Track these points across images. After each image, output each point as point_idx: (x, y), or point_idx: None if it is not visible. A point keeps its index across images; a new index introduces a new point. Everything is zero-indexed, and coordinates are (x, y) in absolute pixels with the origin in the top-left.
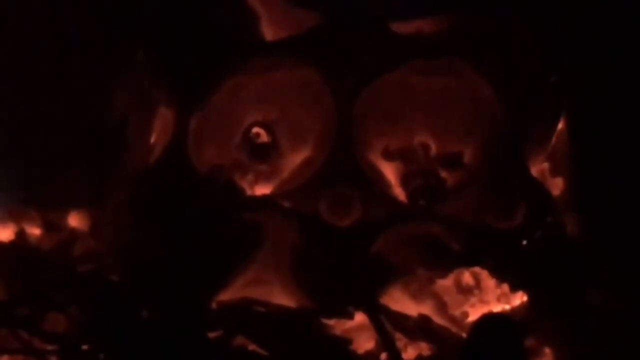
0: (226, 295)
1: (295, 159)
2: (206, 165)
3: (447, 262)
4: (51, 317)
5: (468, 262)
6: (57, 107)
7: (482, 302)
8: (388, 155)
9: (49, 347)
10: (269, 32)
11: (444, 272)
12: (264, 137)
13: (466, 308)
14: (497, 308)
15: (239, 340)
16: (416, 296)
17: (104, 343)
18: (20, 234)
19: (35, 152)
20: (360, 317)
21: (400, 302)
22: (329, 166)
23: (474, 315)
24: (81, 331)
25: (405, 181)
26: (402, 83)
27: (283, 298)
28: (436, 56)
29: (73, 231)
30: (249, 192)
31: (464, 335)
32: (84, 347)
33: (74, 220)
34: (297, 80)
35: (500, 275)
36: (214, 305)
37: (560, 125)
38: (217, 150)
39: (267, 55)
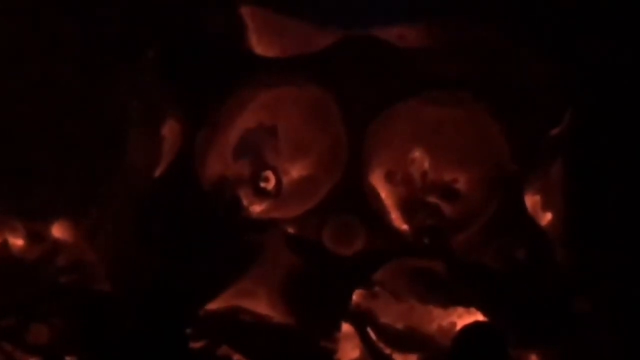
0: (212, 305)
1: (294, 172)
2: (209, 179)
3: (445, 299)
4: (34, 329)
5: (465, 302)
6: (42, 112)
7: (469, 312)
8: (389, 179)
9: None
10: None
11: (441, 307)
12: (272, 183)
13: (454, 318)
14: (483, 318)
15: (224, 349)
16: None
17: (88, 354)
18: (4, 245)
19: (18, 161)
20: (345, 327)
21: (387, 311)
22: (336, 193)
23: (461, 325)
24: (65, 343)
25: (408, 215)
26: (412, 111)
27: (268, 310)
28: (449, 89)
29: (57, 242)
30: (248, 204)
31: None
32: (68, 358)
33: (58, 231)
34: (305, 98)
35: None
36: (200, 313)
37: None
38: (220, 164)
39: (277, 71)
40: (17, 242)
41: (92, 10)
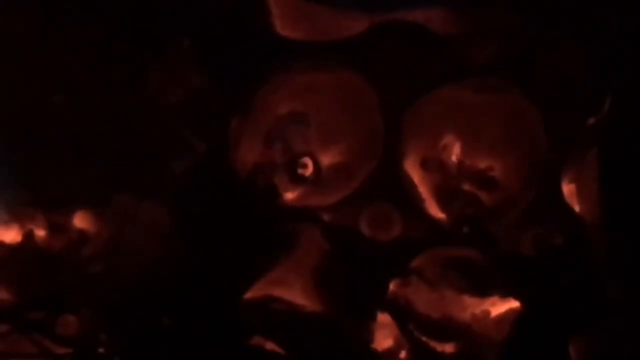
0: (246, 294)
1: (330, 159)
2: (245, 166)
3: (480, 288)
4: (65, 320)
5: (501, 290)
6: (66, 100)
7: (502, 300)
8: (425, 167)
9: (62, 351)
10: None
11: (476, 296)
12: (310, 169)
13: (487, 306)
14: (515, 304)
15: (256, 339)
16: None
17: (120, 346)
18: (29, 236)
19: (38, 149)
20: (380, 316)
21: (423, 300)
22: (373, 180)
23: (495, 313)
24: (96, 334)
25: (444, 203)
26: (449, 98)
27: (303, 299)
28: (487, 75)
29: (82, 232)
30: (284, 191)
31: (487, 332)
32: (100, 350)
33: (80, 221)
34: (340, 84)
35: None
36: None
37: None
38: (256, 151)
39: (311, 56)
40: (40, 233)
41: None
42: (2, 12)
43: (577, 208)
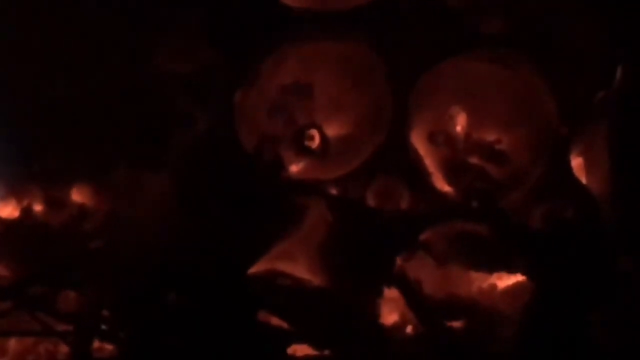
0: (250, 269)
1: (336, 131)
2: (251, 138)
3: (488, 263)
4: (66, 297)
5: (509, 265)
6: (59, 70)
7: (509, 274)
8: (432, 140)
9: (63, 328)
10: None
11: (485, 272)
12: (316, 141)
13: (493, 280)
14: (522, 278)
15: (262, 314)
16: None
17: (124, 323)
18: (27, 211)
19: (36, 122)
20: (386, 291)
21: (430, 275)
22: (381, 153)
23: (501, 286)
24: (98, 311)
25: (451, 177)
26: (458, 70)
27: (308, 274)
28: (497, 46)
29: (82, 206)
30: (290, 164)
31: (494, 307)
32: (103, 327)
33: (78, 196)
34: (348, 54)
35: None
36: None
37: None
38: (261, 122)
39: (318, 25)
40: (38, 207)
41: None
42: None
43: (586, 181)
